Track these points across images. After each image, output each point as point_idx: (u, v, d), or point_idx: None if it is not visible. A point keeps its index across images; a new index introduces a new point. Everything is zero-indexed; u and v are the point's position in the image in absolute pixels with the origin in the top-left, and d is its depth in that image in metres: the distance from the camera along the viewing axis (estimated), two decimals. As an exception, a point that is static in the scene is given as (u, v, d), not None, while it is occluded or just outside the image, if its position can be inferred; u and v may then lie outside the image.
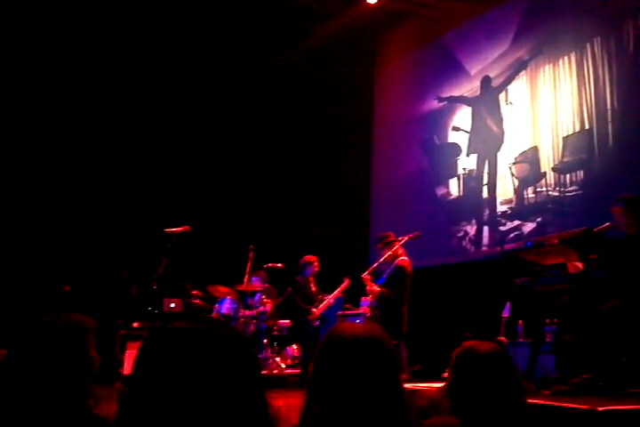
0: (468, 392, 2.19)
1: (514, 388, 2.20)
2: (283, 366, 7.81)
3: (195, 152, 10.99)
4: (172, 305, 8.60)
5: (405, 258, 6.94)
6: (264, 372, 7.38)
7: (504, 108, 8.62)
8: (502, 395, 2.15)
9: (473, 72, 9.19)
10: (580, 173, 7.30)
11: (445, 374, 2.37)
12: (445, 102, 9.65)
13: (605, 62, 7.27)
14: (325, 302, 7.74)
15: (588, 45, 7.49)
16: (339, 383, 1.55)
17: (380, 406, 1.53)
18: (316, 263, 8.08)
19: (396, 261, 6.88)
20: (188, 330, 1.12)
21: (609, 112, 7.09)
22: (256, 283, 8.61)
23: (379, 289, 6.77)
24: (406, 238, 7.01)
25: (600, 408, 3.53)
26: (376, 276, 7.09)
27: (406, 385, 5.29)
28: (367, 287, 6.92)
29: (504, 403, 2.14)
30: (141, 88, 10.31)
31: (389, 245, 6.99)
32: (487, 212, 8.57)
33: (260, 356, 7.82)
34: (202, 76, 10.57)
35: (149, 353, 1.11)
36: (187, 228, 7.04)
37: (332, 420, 1.52)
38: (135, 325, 8.16)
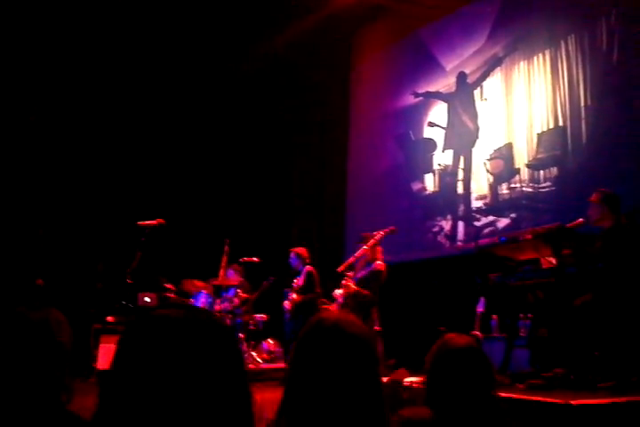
0: (441, 384, 2.25)
1: (486, 381, 2.25)
2: (259, 360, 7.81)
3: (170, 145, 10.91)
4: (147, 299, 8.55)
5: (382, 263, 6.91)
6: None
7: (479, 104, 8.68)
8: (474, 388, 2.21)
9: (448, 68, 9.24)
10: (554, 170, 7.38)
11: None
12: (421, 98, 9.69)
13: (579, 60, 7.34)
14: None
15: (562, 43, 7.56)
16: (317, 374, 1.54)
17: (359, 400, 1.52)
18: None
19: (374, 265, 6.80)
20: (170, 318, 1.10)
21: (582, 109, 7.17)
22: (232, 276, 8.58)
23: (354, 288, 6.76)
24: (382, 233, 7.01)
25: (574, 402, 3.59)
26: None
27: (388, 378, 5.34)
28: (344, 282, 6.91)
29: (476, 396, 2.20)
30: (117, 81, 10.22)
31: (365, 242, 6.97)
32: (462, 207, 8.63)
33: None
34: (176, 69, 10.50)
35: (130, 342, 1.09)
36: (161, 221, 6.99)
37: (308, 412, 1.52)
38: (109, 319, 8.12)
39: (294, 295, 7.69)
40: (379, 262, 6.86)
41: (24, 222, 9.37)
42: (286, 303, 7.81)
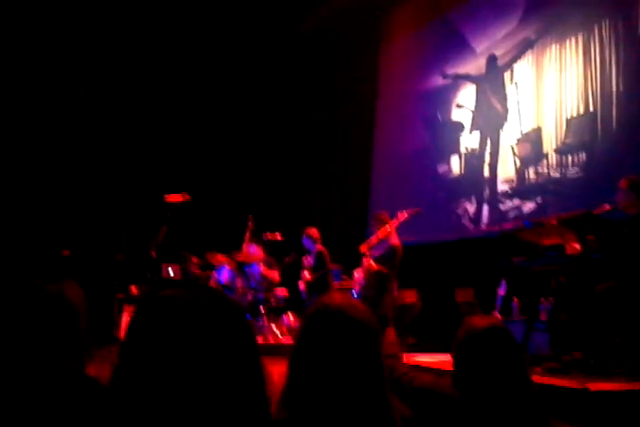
0: (468, 367, 2.20)
1: (514, 362, 2.16)
2: (279, 334, 7.90)
3: (196, 121, 10.97)
4: (171, 271, 8.65)
5: (396, 239, 6.94)
6: (261, 340, 7.48)
7: (509, 87, 8.61)
8: (502, 370, 2.13)
9: (479, 50, 9.16)
10: (583, 155, 7.33)
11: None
12: (450, 79, 9.63)
13: (612, 44, 7.24)
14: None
15: (596, 27, 7.46)
16: (319, 358, 1.56)
17: (360, 384, 1.55)
18: None
19: (390, 242, 6.83)
20: (181, 297, 1.10)
21: (614, 95, 7.10)
22: (254, 251, 8.66)
23: (376, 267, 6.81)
24: (406, 215, 7.03)
25: (592, 388, 3.61)
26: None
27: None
28: (365, 262, 6.96)
29: (505, 378, 2.12)
30: (146, 63, 10.28)
31: (383, 222, 7.00)
32: (487, 190, 8.60)
33: (257, 324, 7.92)
34: (202, 51, 10.53)
35: (141, 322, 1.10)
36: (186, 195, 7.04)
37: (311, 395, 1.54)
38: (133, 289, 8.24)
39: (306, 274, 7.89)
40: (394, 239, 6.88)
41: (52, 193, 9.49)
42: (300, 283, 7.97)
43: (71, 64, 9.72)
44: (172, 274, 8.63)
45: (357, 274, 7.17)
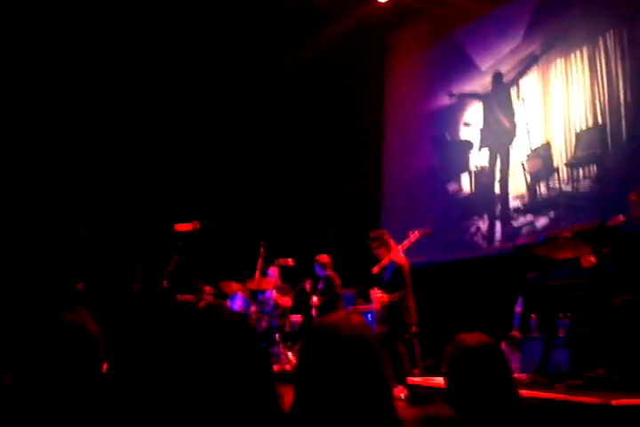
0: (459, 384, 2.28)
1: (502, 379, 2.26)
2: (295, 361, 7.81)
3: (205, 148, 10.99)
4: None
5: (402, 255, 6.86)
6: (277, 367, 7.39)
7: (516, 103, 8.58)
8: (492, 386, 2.21)
9: (484, 68, 9.16)
10: (594, 168, 7.26)
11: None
12: (456, 98, 9.62)
13: (618, 56, 7.21)
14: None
15: (601, 39, 7.43)
16: (320, 378, 1.54)
17: (364, 401, 1.52)
18: None
19: (394, 260, 6.74)
20: (201, 320, 1.12)
21: (622, 107, 7.05)
22: (272, 276, 8.65)
23: (387, 298, 6.62)
24: (417, 235, 6.96)
25: (614, 403, 3.50)
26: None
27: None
28: (375, 301, 6.83)
29: (494, 394, 2.20)
30: (152, 82, 10.33)
31: (386, 243, 6.90)
32: (499, 207, 8.54)
33: (272, 351, 7.84)
34: (209, 71, 10.58)
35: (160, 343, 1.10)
36: (196, 224, 7.02)
37: (316, 413, 1.52)
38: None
39: (315, 299, 8.10)
40: (400, 258, 6.78)
41: (64, 225, 9.50)
42: (313, 311, 8.07)
43: (78, 93, 9.79)
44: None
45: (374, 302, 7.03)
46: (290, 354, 7.89)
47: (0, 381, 1.97)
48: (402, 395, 5.61)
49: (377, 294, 6.72)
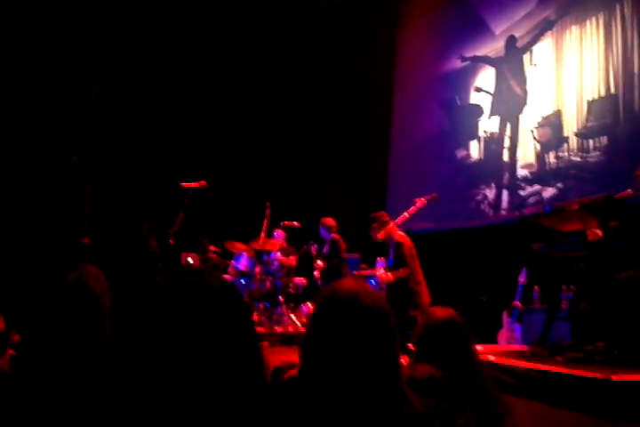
0: (425, 351, 2.55)
1: (463, 349, 2.53)
2: (298, 323, 7.88)
3: (214, 108, 10.92)
4: (190, 260, 8.66)
5: (400, 233, 6.81)
6: (279, 329, 7.48)
7: (528, 69, 8.46)
8: (452, 354, 2.49)
9: (497, 31, 9.01)
10: (604, 139, 7.18)
11: None
12: (468, 62, 9.49)
13: (635, 24, 7.06)
14: None
15: (618, 6, 7.28)
16: (331, 344, 1.55)
17: (373, 371, 1.54)
18: None
19: (395, 239, 6.70)
20: (178, 282, 1.12)
21: (636, 77, 6.93)
22: (278, 238, 8.66)
23: (392, 278, 6.62)
24: (424, 201, 6.94)
25: (615, 378, 3.54)
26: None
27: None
28: (377, 274, 6.84)
29: (454, 361, 2.46)
30: (164, 38, 10.23)
31: (385, 224, 6.85)
32: (507, 175, 8.49)
33: (275, 313, 7.92)
34: (220, 32, 10.48)
35: (141, 307, 1.12)
36: (203, 183, 7.00)
37: (323, 382, 1.53)
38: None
39: (319, 262, 8.04)
40: (397, 234, 6.76)
41: (71, 180, 9.50)
42: (315, 273, 8.06)
43: (88, 46, 9.70)
44: (191, 262, 8.64)
45: (380, 262, 7.04)
46: (293, 316, 7.96)
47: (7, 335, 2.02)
48: (403, 362, 5.66)
49: (382, 275, 6.73)
